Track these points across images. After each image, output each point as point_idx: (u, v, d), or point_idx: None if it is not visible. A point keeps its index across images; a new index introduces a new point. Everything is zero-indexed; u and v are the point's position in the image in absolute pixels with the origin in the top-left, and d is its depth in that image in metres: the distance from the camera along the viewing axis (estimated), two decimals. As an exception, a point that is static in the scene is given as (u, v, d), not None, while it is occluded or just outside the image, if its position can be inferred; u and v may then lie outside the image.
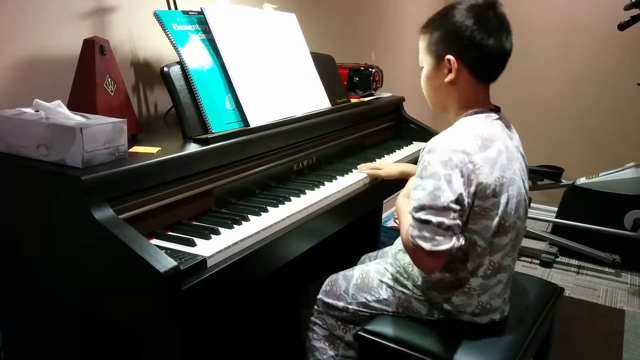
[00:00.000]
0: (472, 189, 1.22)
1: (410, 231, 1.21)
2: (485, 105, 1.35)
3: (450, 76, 1.32)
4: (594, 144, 3.57)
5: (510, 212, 1.28)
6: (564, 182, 3.19)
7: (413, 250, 1.21)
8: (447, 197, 1.18)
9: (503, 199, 1.26)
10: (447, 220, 1.17)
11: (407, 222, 1.26)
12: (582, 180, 3.12)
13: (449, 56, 1.31)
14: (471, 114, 1.32)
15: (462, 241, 1.21)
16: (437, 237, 1.17)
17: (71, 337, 1.24)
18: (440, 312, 1.39)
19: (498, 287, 1.35)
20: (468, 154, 1.22)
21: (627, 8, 2.59)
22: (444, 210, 1.18)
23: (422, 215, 1.19)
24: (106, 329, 1.23)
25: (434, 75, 1.37)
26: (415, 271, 1.40)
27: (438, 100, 1.41)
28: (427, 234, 1.18)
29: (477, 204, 1.24)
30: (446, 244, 1.18)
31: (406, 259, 1.41)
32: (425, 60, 1.39)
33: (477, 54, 1.29)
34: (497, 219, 1.26)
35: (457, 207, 1.19)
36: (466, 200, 1.21)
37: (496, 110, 1.36)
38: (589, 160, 3.53)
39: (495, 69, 1.33)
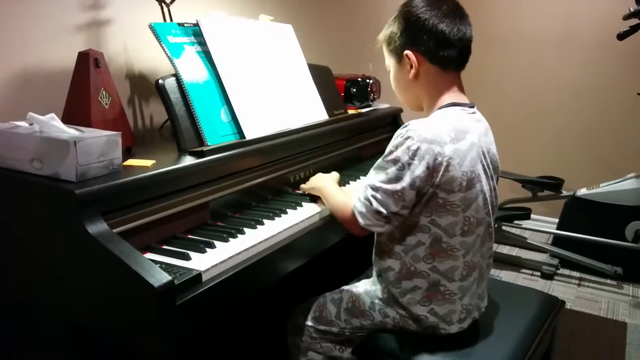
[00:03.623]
0: (437, 181, 1.23)
1: (354, 201, 1.30)
2: (459, 97, 1.36)
3: (413, 71, 1.34)
4: (594, 154, 3.56)
5: (479, 208, 1.29)
6: (565, 193, 3.18)
7: (350, 217, 1.31)
8: (403, 185, 1.23)
9: (471, 195, 1.27)
10: (386, 211, 1.24)
11: (341, 198, 1.40)
12: (582, 191, 3.10)
13: (406, 51, 1.34)
14: (446, 106, 1.33)
15: (393, 225, 1.28)
16: (372, 220, 1.26)
17: (64, 353, 1.22)
18: (431, 329, 1.35)
19: (474, 285, 1.36)
20: (439, 144, 1.22)
21: (625, 18, 2.59)
22: (396, 197, 1.24)
23: (370, 194, 1.26)
24: (100, 344, 1.21)
25: (399, 74, 1.40)
26: (394, 291, 1.36)
27: (410, 98, 1.43)
28: (366, 213, 1.27)
29: (441, 196, 1.25)
30: (378, 227, 1.27)
31: (389, 278, 1.37)
32: (389, 62, 1.42)
33: (432, 41, 1.31)
34: (463, 216, 1.27)
35: (410, 196, 1.24)
36: (428, 190, 1.24)
37: (471, 105, 1.36)
38: (590, 171, 3.52)
39: (458, 54, 1.33)
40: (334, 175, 1.61)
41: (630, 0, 2.57)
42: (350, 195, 1.37)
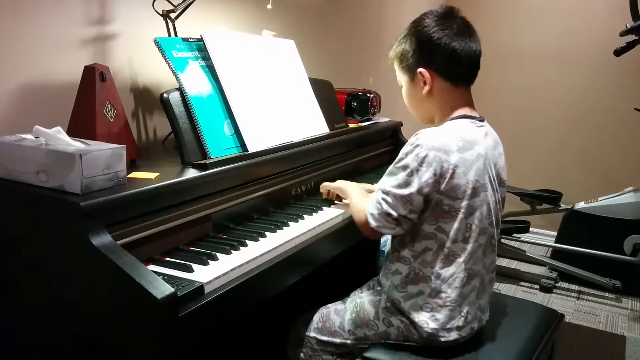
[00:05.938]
0: (443, 187, 1.28)
1: (368, 205, 1.35)
2: (470, 111, 1.40)
3: (426, 88, 1.38)
4: (592, 168, 3.58)
5: (482, 217, 1.33)
6: (563, 206, 3.19)
7: (364, 219, 1.35)
8: (411, 189, 1.28)
9: (475, 203, 1.31)
10: (396, 213, 1.29)
11: (361, 201, 1.43)
12: (581, 205, 3.12)
13: (420, 69, 1.37)
14: (457, 118, 1.38)
15: (405, 228, 1.33)
16: (382, 221, 1.31)
17: (66, 364, 1.22)
18: (431, 337, 1.35)
19: (472, 293, 1.37)
20: (446, 152, 1.27)
21: (622, 34, 2.62)
22: (404, 201, 1.29)
23: (381, 198, 1.31)
24: (102, 355, 1.22)
25: (412, 90, 1.44)
26: (397, 295, 1.38)
27: (422, 113, 1.47)
28: (377, 215, 1.32)
29: (447, 203, 1.29)
30: (388, 229, 1.33)
31: (395, 282, 1.39)
32: (401, 78, 1.46)
33: (445, 59, 1.35)
34: (465, 223, 1.31)
35: (418, 201, 1.29)
36: (434, 197, 1.29)
37: (481, 119, 1.41)
38: (588, 184, 3.54)
39: (468, 70, 1.38)
40: (362, 185, 1.68)
41: (626, 17, 2.60)
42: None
